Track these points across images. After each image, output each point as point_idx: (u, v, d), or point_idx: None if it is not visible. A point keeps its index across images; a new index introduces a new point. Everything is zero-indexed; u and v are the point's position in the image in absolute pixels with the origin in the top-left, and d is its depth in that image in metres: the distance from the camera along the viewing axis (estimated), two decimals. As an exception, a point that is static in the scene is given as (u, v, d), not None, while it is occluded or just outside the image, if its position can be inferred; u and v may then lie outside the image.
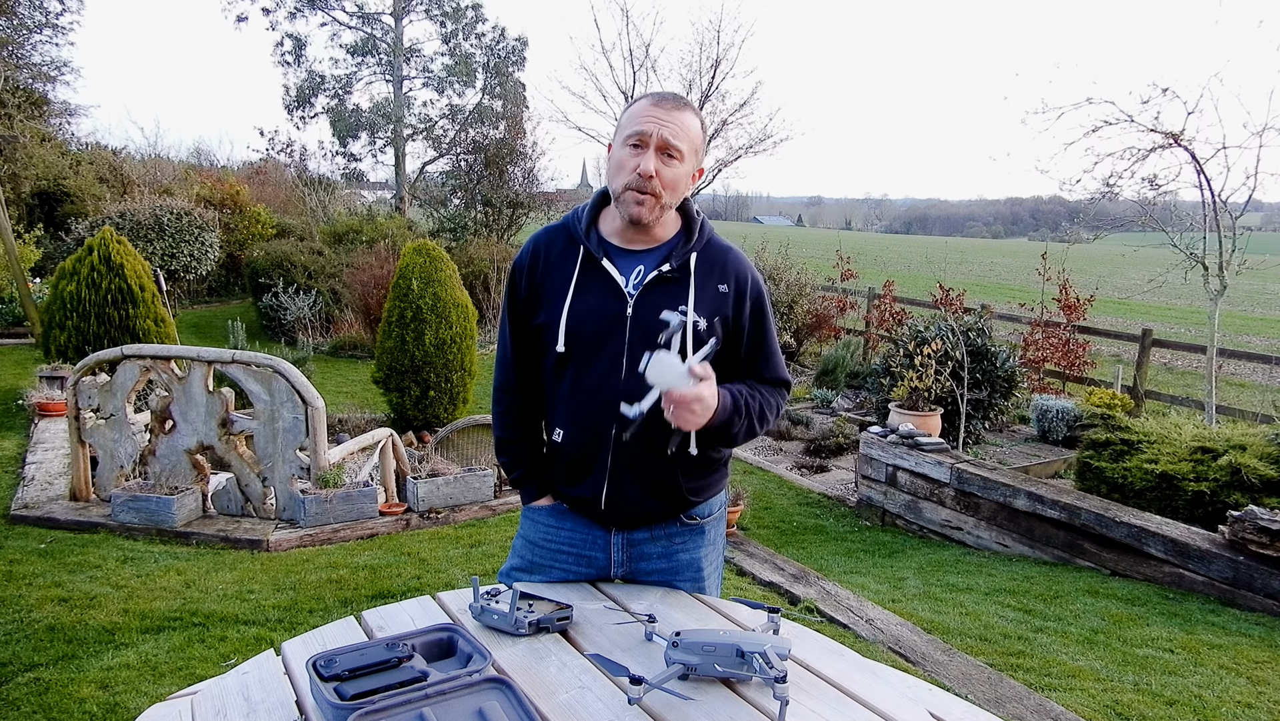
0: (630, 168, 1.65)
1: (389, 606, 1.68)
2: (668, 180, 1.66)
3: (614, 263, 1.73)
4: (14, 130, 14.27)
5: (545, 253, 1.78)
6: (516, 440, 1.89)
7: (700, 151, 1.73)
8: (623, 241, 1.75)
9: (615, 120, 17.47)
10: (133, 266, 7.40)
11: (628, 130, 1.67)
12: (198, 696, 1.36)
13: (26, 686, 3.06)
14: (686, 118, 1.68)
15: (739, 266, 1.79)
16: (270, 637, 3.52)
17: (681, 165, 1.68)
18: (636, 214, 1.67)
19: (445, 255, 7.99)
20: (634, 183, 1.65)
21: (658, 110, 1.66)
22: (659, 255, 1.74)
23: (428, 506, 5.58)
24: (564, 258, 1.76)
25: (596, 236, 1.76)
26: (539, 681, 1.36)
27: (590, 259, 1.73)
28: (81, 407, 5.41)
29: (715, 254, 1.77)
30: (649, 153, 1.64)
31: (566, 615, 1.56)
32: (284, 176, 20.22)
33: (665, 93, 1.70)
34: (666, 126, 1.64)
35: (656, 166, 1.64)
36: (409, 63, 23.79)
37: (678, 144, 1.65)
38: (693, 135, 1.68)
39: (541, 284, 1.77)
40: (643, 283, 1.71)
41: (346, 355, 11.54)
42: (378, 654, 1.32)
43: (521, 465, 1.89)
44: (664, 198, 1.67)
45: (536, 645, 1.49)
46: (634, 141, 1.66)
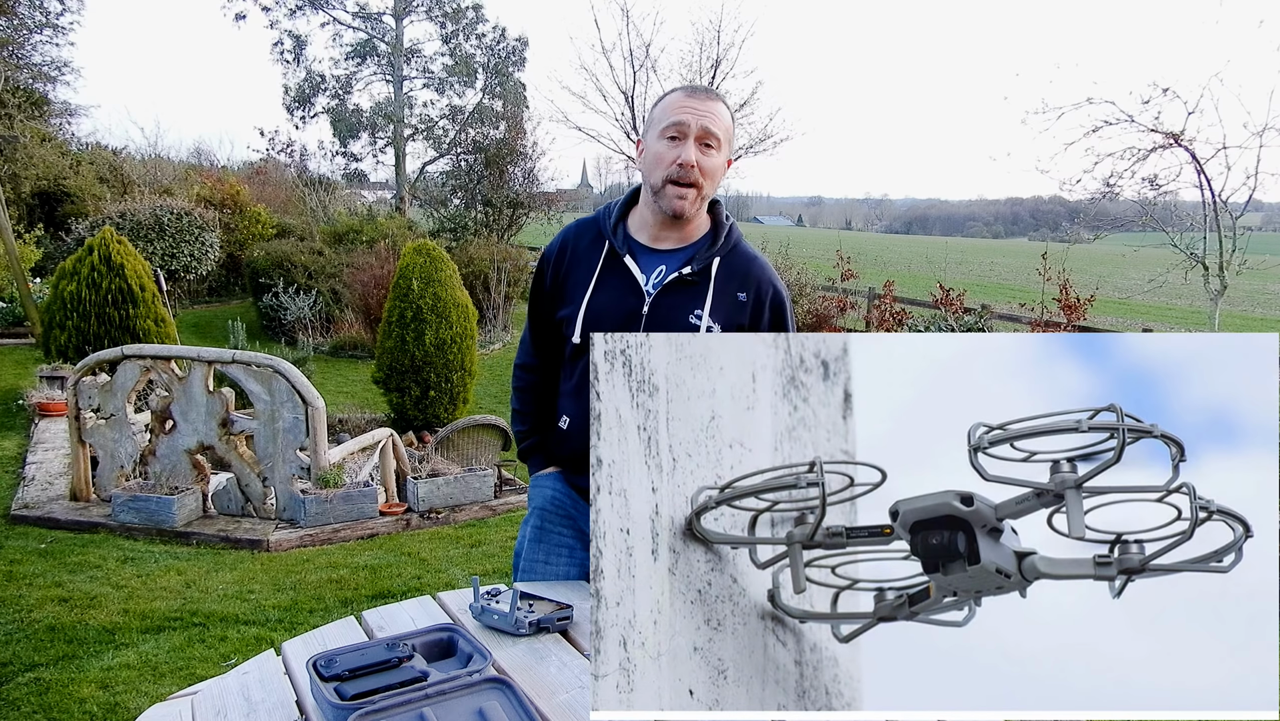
0: (670, 160, 1.66)
1: (389, 606, 1.69)
2: (707, 169, 1.68)
3: (637, 260, 1.75)
4: (14, 130, 14.27)
5: (574, 245, 1.81)
6: (532, 412, 1.95)
7: (732, 141, 1.76)
8: (650, 239, 1.77)
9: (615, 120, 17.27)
10: (133, 266, 7.40)
11: (664, 123, 1.68)
12: (198, 696, 1.36)
13: (27, 686, 3.07)
14: (719, 107, 1.70)
15: (762, 275, 1.79)
16: (270, 637, 3.52)
17: (719, 154, 1.70)
18: (679, 207, 1.68)
19: (445, 255, 8.00)
20: (675, 174, 1.66)
21: (693, 100, 1.68)
22: (683, 256, 1.75)
23: (428, 506, 5.59)
24: (590, 252, 1.79)
25: (623, 232, 1.78)
26: (539, 681, 1.36)
27: (614, 255, 1.75)
28: (82, 407, 5.41)
29: (739, 261, 1.78)
30: (688, 143, 1.65)
31: (567, 615, 1.56)
32: (284, 176, 20.22)
33: (696, 85, 1.75)
34: (704, 116, 1.66)
35: (697, 156, 1.65)
36: (409, 63, 23.81)
37: (715, 131, 1.67)
38: (726, 124, 1.70)
39: (566, 277, 1.80)
40: (662, 282, 1.72)
41: (346, 355, 11.54)
42: (378, 654, 1.32)
43: (532, 436, 1.95)
44: (705, 187, 1.69)
45: (536, 645, 1.49)
46: (672, 134, 1.66)
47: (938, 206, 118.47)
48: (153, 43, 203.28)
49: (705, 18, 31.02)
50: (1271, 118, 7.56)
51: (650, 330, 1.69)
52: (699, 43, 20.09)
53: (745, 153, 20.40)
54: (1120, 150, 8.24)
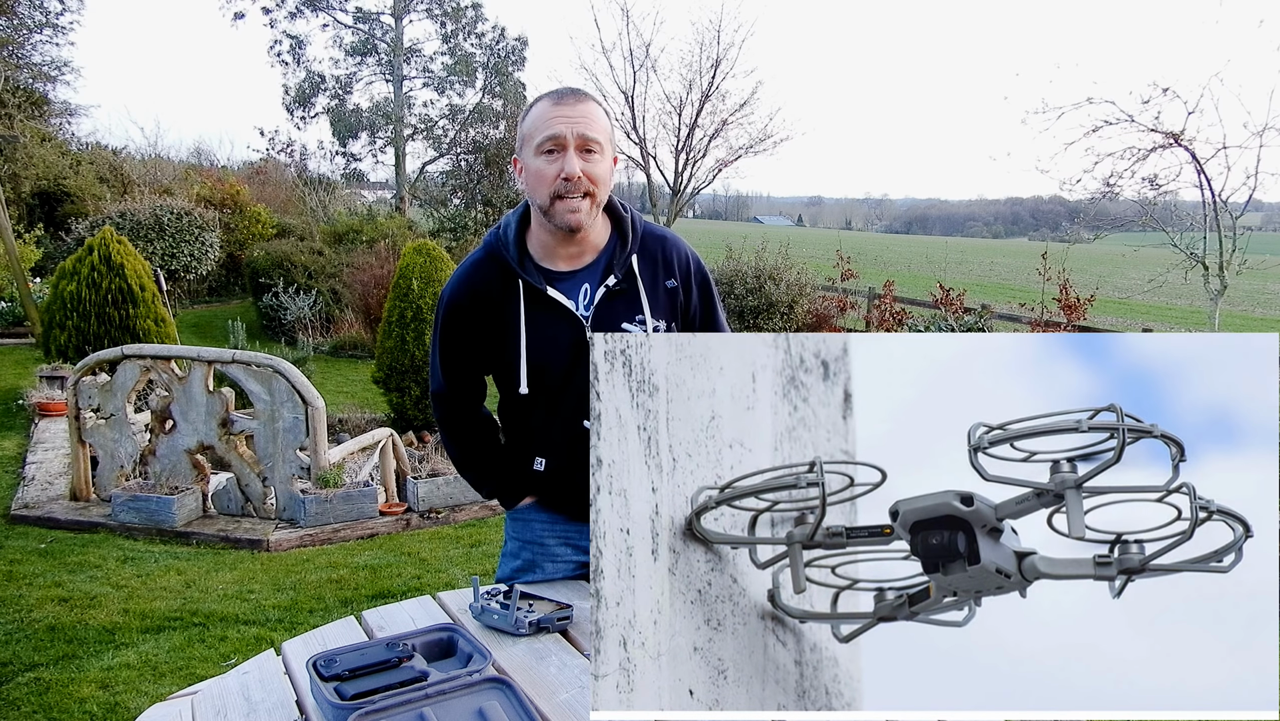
0: (552, 175, 1.57)
1: (389, 606, 1.69)
2: (595, 176, 1.59)
3: (558, 288, 1.65)
4: (14, 130, 14.28)
5: (485, 298, 1.68)
6: (476, 451, 1.84)
7: (613, 141, 1.67)
8: (558, 260, 1.68)
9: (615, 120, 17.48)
10: (133, 266, 7.40)
11: (538, 138, 1.58)
12: (198, 696, 1.36)
13: (27, 686, 3.07)
14: (592, 108, 1.61)
15: (678, 251, 1.74)
16: (270, 637, 3.52)
17: (603, 158, 1.61)
18: (575, 221, 1.59)
19: (445, 255, 8.00)
20: (561, 189, 1.57)
21: (562, 108, 1.58)
22: (600, 268, 1.68)
23: (428, 506, 5.59)
24: (505, 295, 1.66)
25: (531, 264, 1.67)
26: (539, 681, 1.36)
27: (533, 291, 1.65)
28: (82, 407, 5.41)
29: (652, 247, 1.72)
30: (568, 154, 1.56)
31: (566, 615, 1.56)
32: (284, 176, 20.23)
33: (564, 89, 1.64)
34: (578, 122, 1.57)
35: (581, 166, 1.57)
36: (409, 63, 23.81)
37: (595, 136, 1.58)
38: (603, 125, 1.61)
39: (488, 332, 1.68)
40: (593, 302, 1.66)
41: (346, 355, 11.54)
42: (378, 654, 1.32)
43: (491, 478, 1.83)
44: (597, 194, 1.61)
45: (536, 645, 1.49)
46: (548, 148, 1.58)
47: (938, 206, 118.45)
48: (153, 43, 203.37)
49: (705, 18, 31.11)
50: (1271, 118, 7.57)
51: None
52: (699, 43, 20.15)
53: (745, 153, 20.42)
54: (1120, 150, 8.25)
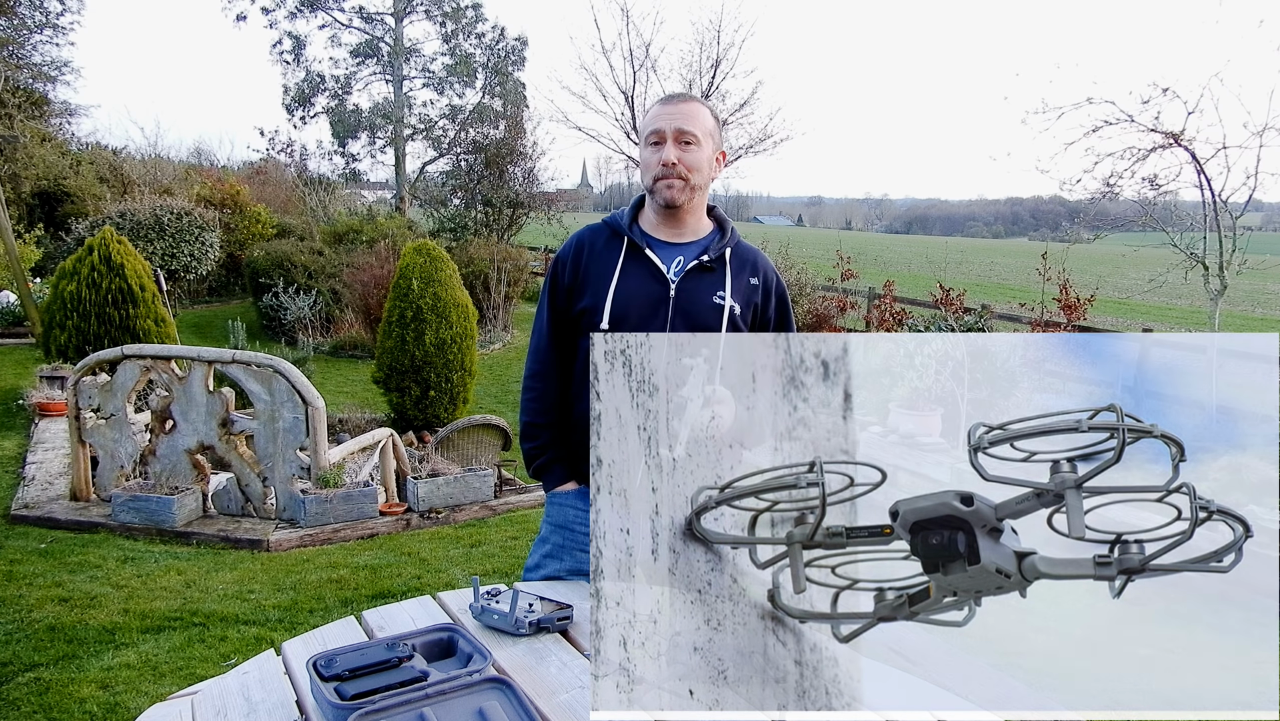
0: (655, 162, 1.84)
1: (389, 606, 1.69)
2: (690, 164, 1.83)
3: (656, 252, 1.88)
4: (14, 130, 14.27)
5: (590, 245, 1.93)
6: (544, 425, 1.97)
7: (716, 136, 1.90)
8: (662, 235, 1.91)
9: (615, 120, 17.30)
10: (133, 266, 7.40)
11: (646, 133, 1.87)
12: (198, 696, 1.36)
13: (27, 686, 3.07)
14: (694, 107, 1.87)
15: (766, 266, 1.98)
16: (270, 637, 3.52)
17: (700, 149, 1.84)
18: (670, 197, 1.83)
19: (445, 255, 8.00)
20: (659, 173, 1.83)
21: (667, 108, 1.86)
22: (697, 248, 1.90)
23: (428, 506, 5.59)
24: (608, 249, 1.91)
25: (639, 230, 1.92)
26: (539, 681, 1.36)
27: (634, 248, 1.89)
28: (82, 407, 5.41)
29: (745, 253, 1.96)
30: (667, 145, 1.83)
31: (566, 615, 1.56)
32: (284, 176, 20.23)
33: (674, 93, 1.89)
34: (677, 118, 1.83)
35: (677, 154, 1.82)
36: (409, 63, 23.81)
37: (690, 129, 1.83)
38: (703, 120, 1.85)
39: (586, 271, 1.91)
40: (684, 270, 1.87)
41: (346, 355, 11.54)
42: (378, 654, 1.32)
43: (547, 451, 1.98)
44: (691, 179, 1.84)
45: (536, 645, 1.49)
46: (653, 140, 1.85)
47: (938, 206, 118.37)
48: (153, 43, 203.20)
49: (705, 18, 31.06)
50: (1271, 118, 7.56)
51: (676, 312, 1.83)
52: (699, 43, 20.11)
53: (745, 152, 20.40)
54: (1120, 150, 8.24)
